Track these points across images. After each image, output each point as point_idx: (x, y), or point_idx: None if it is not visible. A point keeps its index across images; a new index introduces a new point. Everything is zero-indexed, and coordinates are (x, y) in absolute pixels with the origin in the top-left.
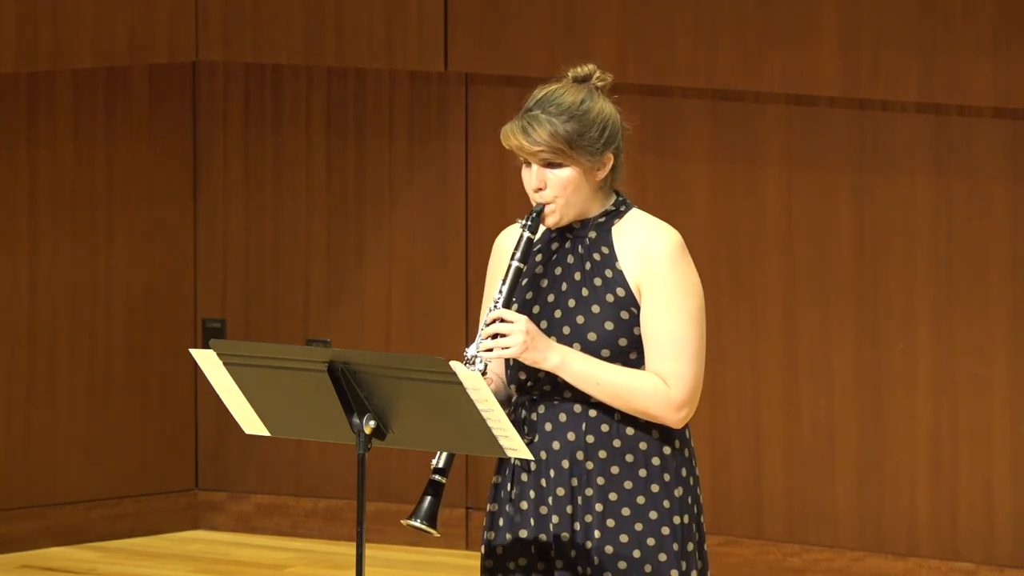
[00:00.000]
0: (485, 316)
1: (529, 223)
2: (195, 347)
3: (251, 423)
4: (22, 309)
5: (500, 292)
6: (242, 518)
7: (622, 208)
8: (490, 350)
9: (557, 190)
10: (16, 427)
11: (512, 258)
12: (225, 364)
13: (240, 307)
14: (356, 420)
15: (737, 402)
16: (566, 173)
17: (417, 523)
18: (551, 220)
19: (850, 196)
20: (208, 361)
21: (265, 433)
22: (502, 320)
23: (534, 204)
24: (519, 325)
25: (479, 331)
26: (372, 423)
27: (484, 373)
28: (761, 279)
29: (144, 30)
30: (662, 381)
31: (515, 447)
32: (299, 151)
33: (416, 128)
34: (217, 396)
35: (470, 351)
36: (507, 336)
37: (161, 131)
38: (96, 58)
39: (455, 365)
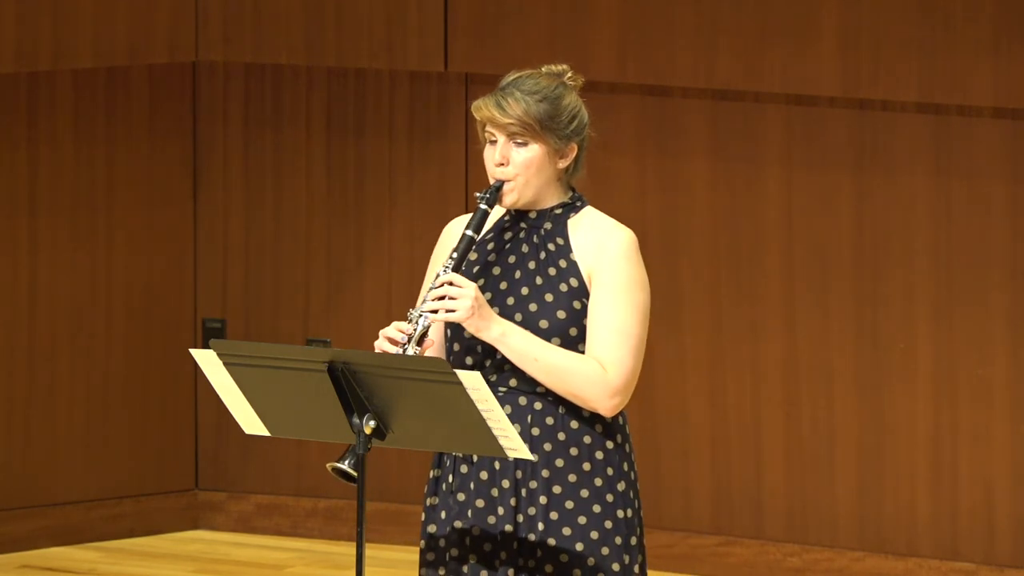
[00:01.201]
0: (433, 280)
1: (487, 196)
2: (195, 347)
3: (251, 423)
4: (22, 309)
5: (451, 258)
6: (242, 518)
7: (578, 204)
8: (436, 311)
9: (520, 168)
10: (16, 427)
11: (466, 227)
12: (225, 364)
13: (240, 307)
14: (356, 420)
15: (737, 402)
16: (531, 152)
17: (343, 465)
18: (509, 199)
19: (850, 196)
20: (208, 361)
21: (265, 433)
22: (451, 284)
23: (493, 181)
24: (468, 291)
25: (425, 293)
26: (372, 423)
27: (425, 335)
28: (761, 279)
29: (144, 30)
30: (600, 366)
31: (515, 447)
32: (299, 151)
33: (416, 128)
34: (217, 396)
35: (415, 311)
36: (455, 299)
37: (161, 131)
38: (96, 58)
39: (410, 343)
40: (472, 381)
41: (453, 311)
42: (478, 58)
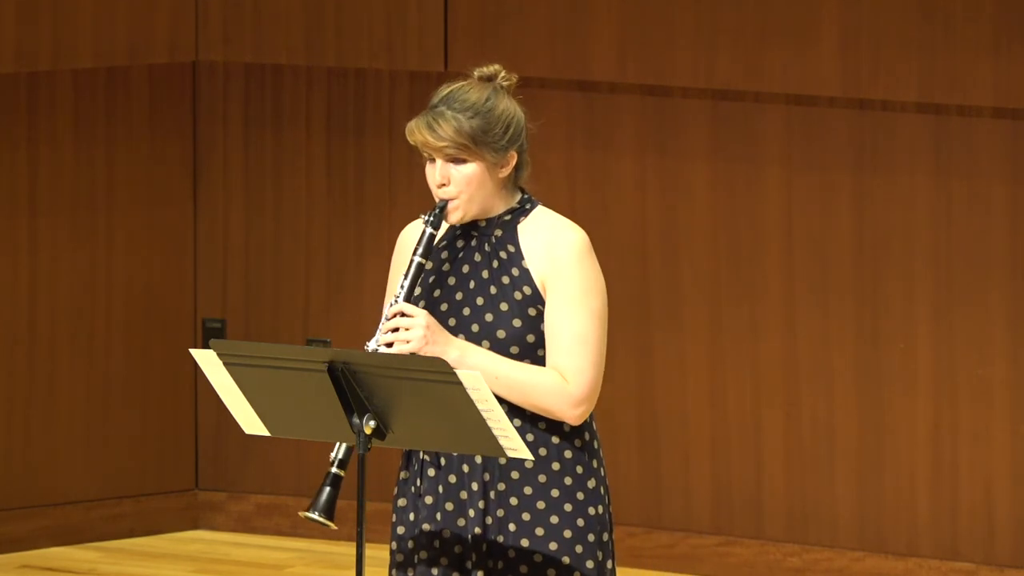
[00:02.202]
0: (385, 310)
1: (432, 219)
2: (195, 347)
3: (251, 423)
4: (22, 309)
5: (401, 287)
6: (242, 518)
7: (527, 206)
8: (390, 344)
9: (461, 186)
10: (16, 427)
11: (414, 253)
12: (225, 364)
13: (240, 307)
14: (356, 420)
15: (737, 402)
16: (470, 169)
17: (315, 515)
18: (454, 216)
19: (850, 196)
20: (208, 361)
21: (265, 433)
22: (403, 314)
23: (437, 200)
24: (419, 320)
25: (380, 324)
26: (372, 423)
27: None
28: (761, 279)
29: (144, 30)
30: (561, 377)
31: (515, 447)
32: (299, 151)
33: None
34: (217, 396)
35: (371, 344)
36: (408, 330)
37: (161, 131)
38: (96, 58)
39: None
40: (472, 381)
41: (407, 342)
42: (478, 58)
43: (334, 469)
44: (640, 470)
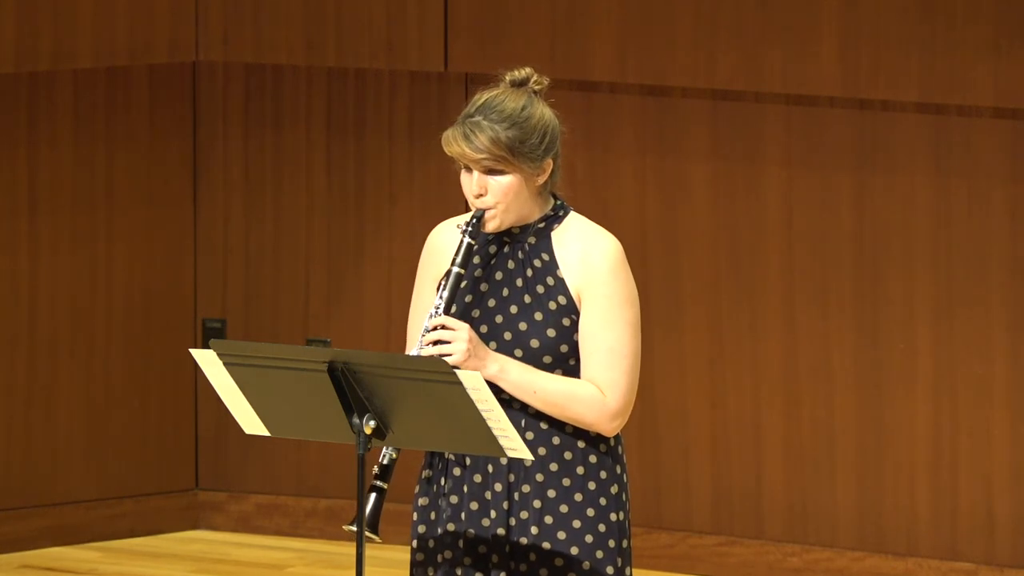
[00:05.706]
0: (426, 322)
1: (470, 228)
2: (195, 347)
3: (251, 423)
4: (22, 309)
5: (440, 298)
6: (242, 518)
7: (560, 213)
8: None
9: (498, 196)
10: (16, 427)
11: (452, 263)
12: (225, 364)
13: (240, 307)
14: (356, 420)
15: (737, 402)
16: (507, 180)
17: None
18: (491, 225)
19: (850, 196)
20: (208, 361)
21: (265, 433)
22: (444, 327)
23: (473, 209)
24: (462, 333)
25: (419, 336)
26: (372, 423)
27: None
28: (761, 279)
29: (144, 30)
30: (598, 390)
31: (515, 447)
32: (299, 151)
33: (416, 128)
34: (217, 396)
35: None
36: (450, 343)
37: (161, 131)
38: (96, 58)
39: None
40: (472, 381)
41: (449, 355)
42: (478, 58)
43: (376, 482)
44: (640, 470)
